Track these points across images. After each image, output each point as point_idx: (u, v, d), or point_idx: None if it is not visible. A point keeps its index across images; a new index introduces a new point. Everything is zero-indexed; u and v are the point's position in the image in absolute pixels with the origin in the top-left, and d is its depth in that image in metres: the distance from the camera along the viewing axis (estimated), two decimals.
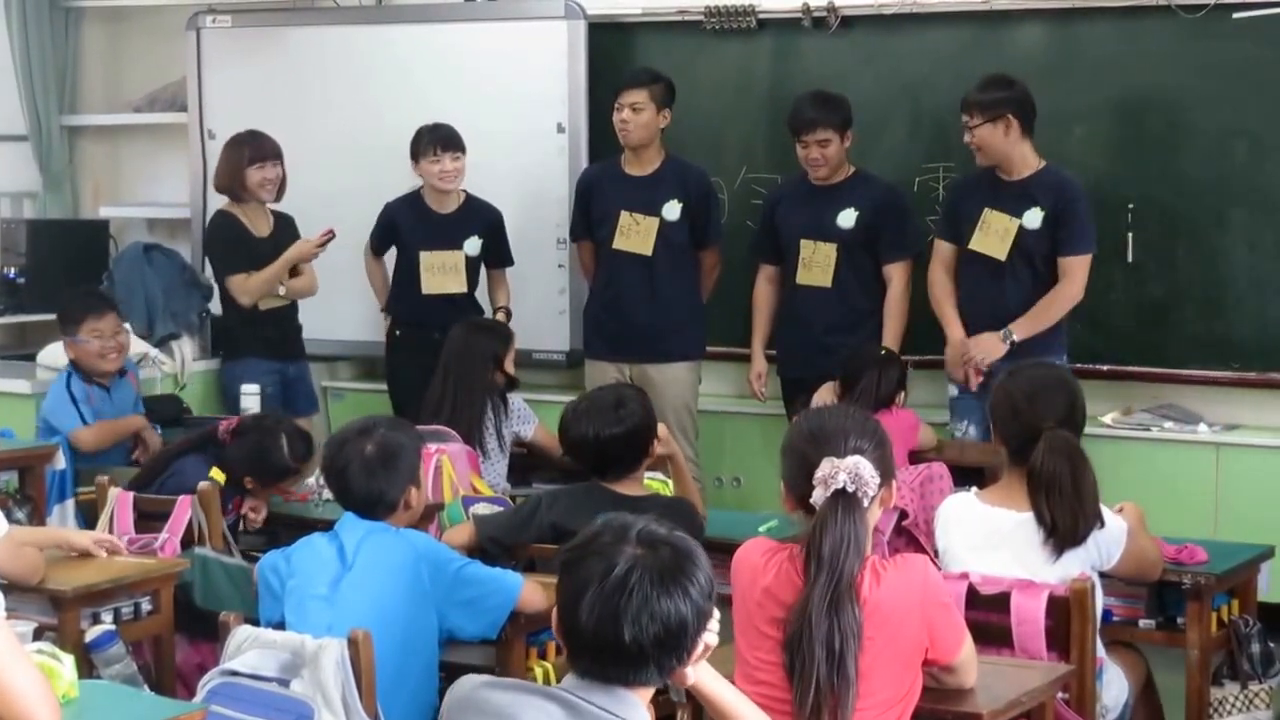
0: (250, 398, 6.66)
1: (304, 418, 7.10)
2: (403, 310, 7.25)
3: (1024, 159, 6.32)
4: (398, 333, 7.27)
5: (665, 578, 2.72)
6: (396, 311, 7.30)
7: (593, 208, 7.06)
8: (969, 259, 6.43)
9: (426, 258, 7.12)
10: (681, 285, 6.96)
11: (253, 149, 7.14)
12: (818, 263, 6.69)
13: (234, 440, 5.49)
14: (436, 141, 7.04)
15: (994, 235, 6.33)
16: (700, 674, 2.97)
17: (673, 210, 6.89)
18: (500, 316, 7.11)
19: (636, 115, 6.83)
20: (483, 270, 7.31)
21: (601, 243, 7.02)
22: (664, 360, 6.92)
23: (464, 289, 7.16)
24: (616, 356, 7.00)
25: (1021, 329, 6.27)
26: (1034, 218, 6.29)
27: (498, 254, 7.28)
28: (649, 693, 2.80)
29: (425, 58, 7.90)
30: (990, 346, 6.30)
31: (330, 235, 7.17)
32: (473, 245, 7.17)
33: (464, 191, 7.21)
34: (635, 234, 6.90)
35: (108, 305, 6.59)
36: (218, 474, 5.42)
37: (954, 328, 6.43)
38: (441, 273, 7.13)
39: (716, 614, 2.85)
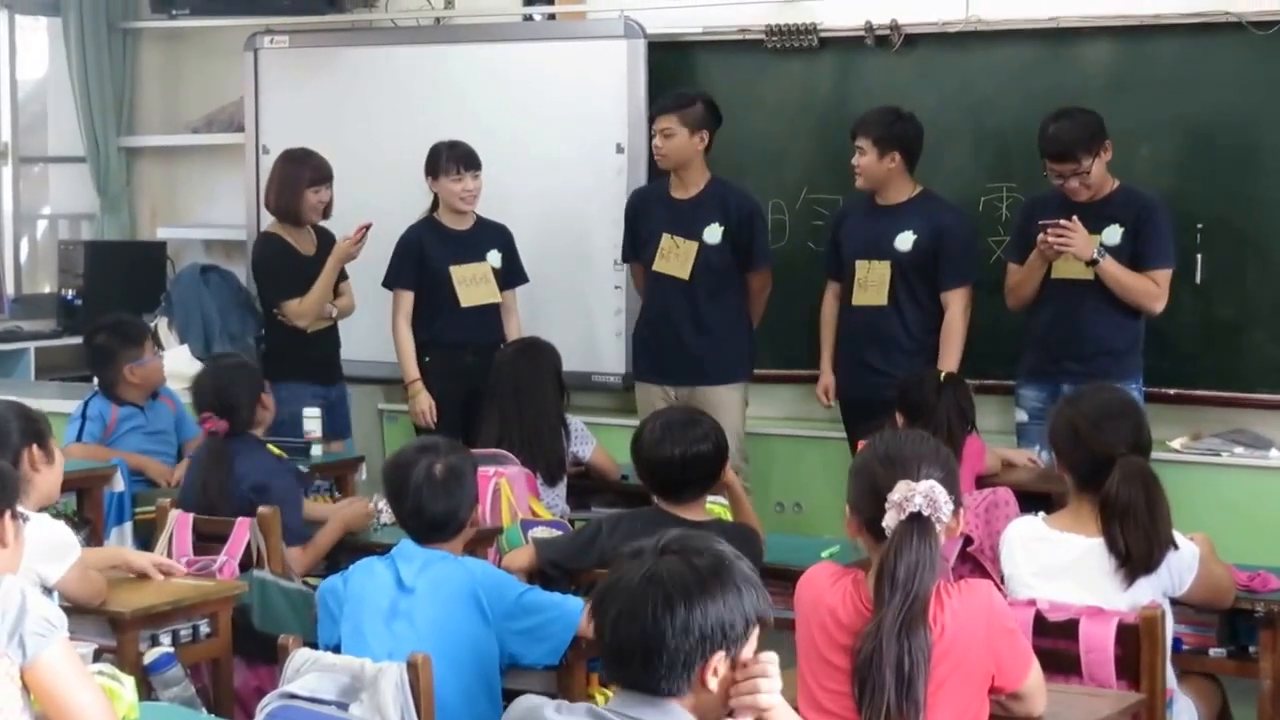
0: (312, 420, 6.64)
1: (338, 441, 7.06)
2: (433, 332, 7.05)
3: (1105, 178, 6.25)
4: (427, 358, 7.08)
5: (696, 588, 2.74)
6: (425, 336, 7.09)
7: (639, 229, 7.01)
8: (1048, 283, 6.33)
9: (458, 271, 7.01)
10: (725, 309, 6.87)
11: (313, 171, 7.11)
12: (872, 283, 6.62)
13: (228, 420, 5.53)
14: (458, 159, 6.96)
15: (1074, 257, 6.23)
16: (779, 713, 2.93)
17: (713, 234, 6.81)
18: None
19: (666, 141, 6.75)
20: None
21: (647, 265, 6.97)
22: (709, 383, 6.85)
23: (498, 299, 7.06)
24: (663, 379, 6.94)
25: (1113, 270, 6.12)
26: (1114, 234, 6.21)
27: (511, 271, 7.17)
28: (690, 701, 2.77)
29: (483, 77, 7.89)
30: (1084, 240, 6.10)
31: (366, 228, 7.06)
32: (495, 258, 7.09)
33: (473, 211, 7.12)
34: (675, 257, 6.84)
35: (141, 334, 6.65)
36: (274, 448, 5.64)
37: None
38: (475, 284, 7.03)
39: (773, 657, 2.82)
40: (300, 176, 7.11)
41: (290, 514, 5.39)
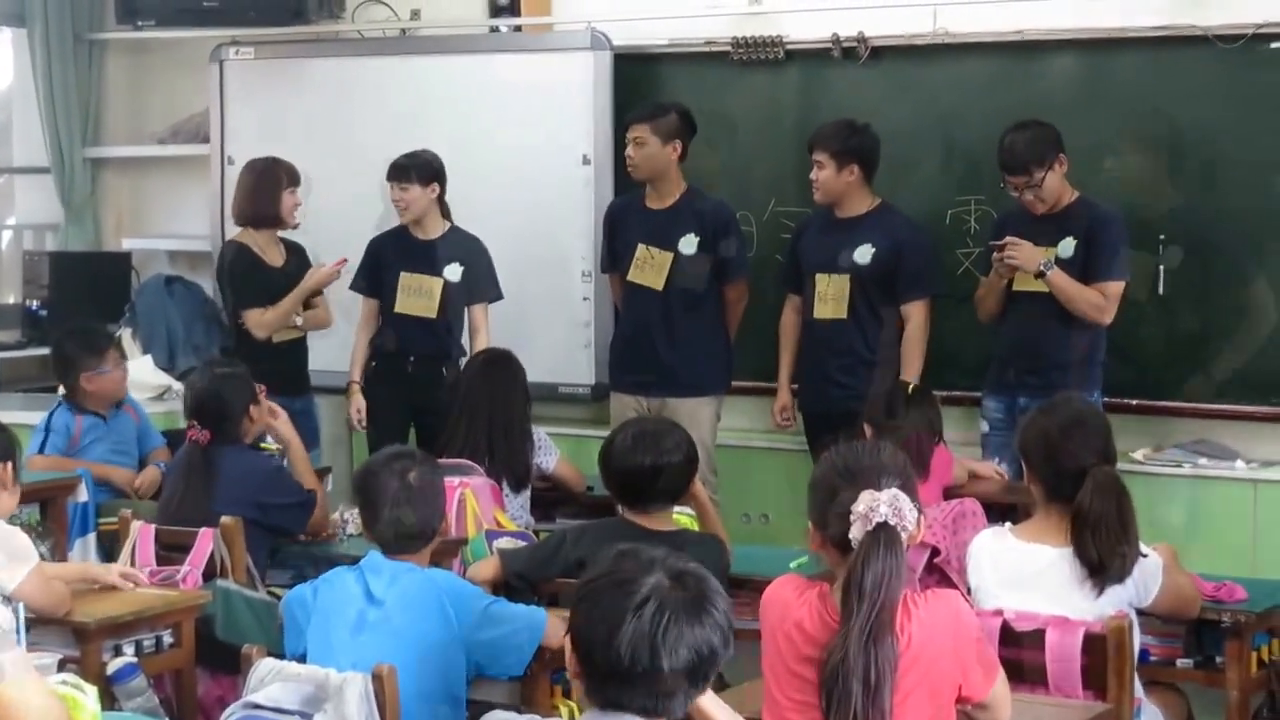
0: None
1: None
2: (381, 338, 7.13)
3: (1064, 190, 6.27)
4: (374, 364, 7.15)
5: (696, 608, 2.72)
6: (378, 341, 7.16)
7: (616, 240, 7.01)
8: (1011, 294, 6.36)
9: (404, 279, 7.03)
10: (700, 320, 6.86)
11: (288, 173, 7.13)
12: (832, 296, 6.63)
13: (211, 428, 5.51)
14: (390, 170, 7.02)
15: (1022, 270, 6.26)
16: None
17: (689, 244, 6.80)
18: None
19: (639, 150, 6.74)
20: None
21: (624, 275, 6.97)
22: (682, 395, 6.83)
23: (432, 314, 7.03)
24: (637, 390, 6.93)
25: (1058, 282, 6.16)
26: (1067, 246, 6.24)
27: (478, 285, 7.11)
28: None
29: (449, 89, 7.87)
30: (1030, 254, 6.16)
31: (344, 262, 7.11)
32: (453, 271, 7.06)
33: (449, 222, 7.11)
34: (649, 267, 6.84)
35: (104, 343, 6.60)
36: (269, 446, 5.74)
37: None
38: (415, 295, 7.03)
39: None
40: (278, 179, 7.12)
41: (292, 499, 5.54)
